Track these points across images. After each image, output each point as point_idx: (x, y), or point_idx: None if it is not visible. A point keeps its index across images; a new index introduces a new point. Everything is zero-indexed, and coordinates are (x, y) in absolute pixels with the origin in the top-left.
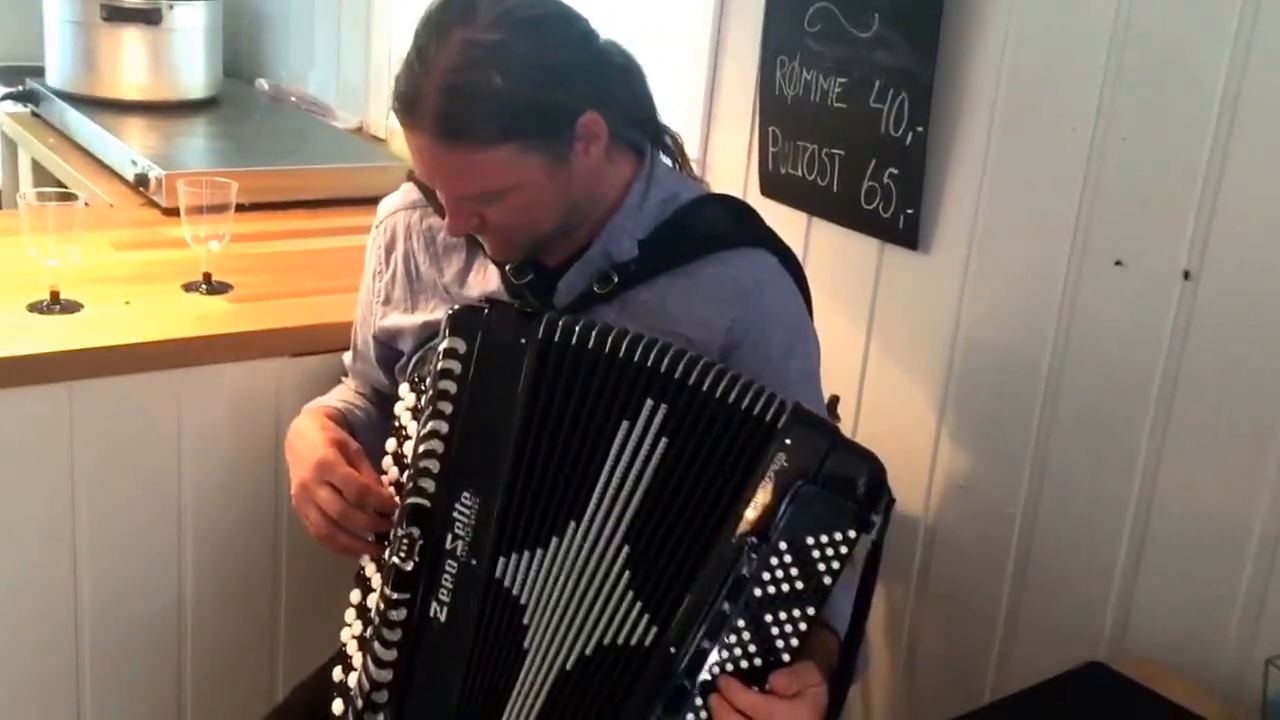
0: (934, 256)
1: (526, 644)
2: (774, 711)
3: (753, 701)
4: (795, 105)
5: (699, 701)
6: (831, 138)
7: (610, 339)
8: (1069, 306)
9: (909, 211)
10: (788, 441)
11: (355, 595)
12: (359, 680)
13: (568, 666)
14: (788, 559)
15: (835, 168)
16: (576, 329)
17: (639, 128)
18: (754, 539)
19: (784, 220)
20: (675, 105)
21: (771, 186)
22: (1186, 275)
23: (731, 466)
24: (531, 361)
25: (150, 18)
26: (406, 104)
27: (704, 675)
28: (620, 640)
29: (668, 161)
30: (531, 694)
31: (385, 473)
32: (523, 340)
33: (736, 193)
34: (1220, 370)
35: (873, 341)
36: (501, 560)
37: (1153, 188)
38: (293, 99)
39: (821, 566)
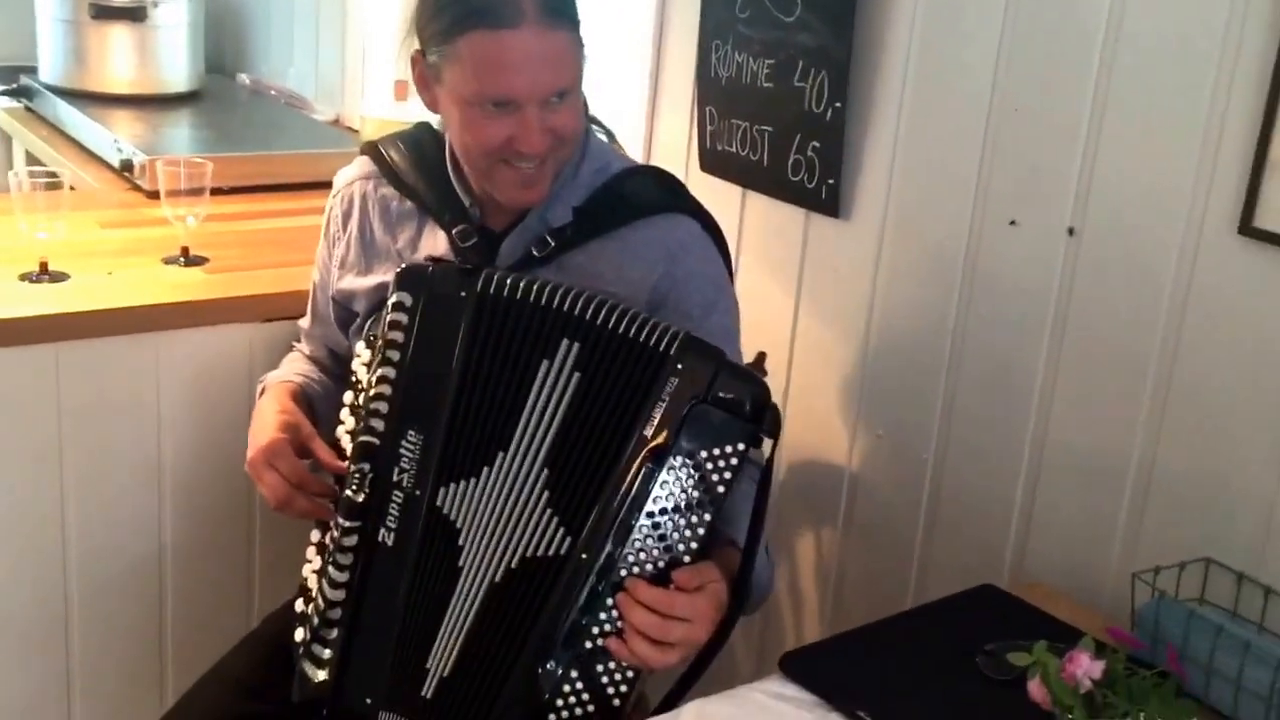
0: (854, 223)
1: (461, 562)
2: (674, 602)
3: (655, 595)
4: (729, 86)
5: (609, 601)
6: (761, 115)
7: (535, 289)
8: (971, 264)
9: (830, 182)
10: (679, 366)
11: (315, 535)
12: (316, 603)
13: (497, 579)
14: (684, 471)
15: (765, 143)
16: (508, 281)
17: None
18: (654, 454)
19: (721, 194)
20: (624, 89)
21: (710, 162)
22: (1071, 231)
23: (632, 392)
24: (470, 312)
25: (136, 15)
26: (497, 4)
27: (613, 578)
28: (540, 552)
29: (602, 137)
30: (466, 605)
31: (343, 423)
32: (463, 294)
33: (678, 169)
34: (1101, 317)
35: (802, 303)
36: (441, 489)
37: (1041, 154)
38: (273, 92)
39: (715, 477)
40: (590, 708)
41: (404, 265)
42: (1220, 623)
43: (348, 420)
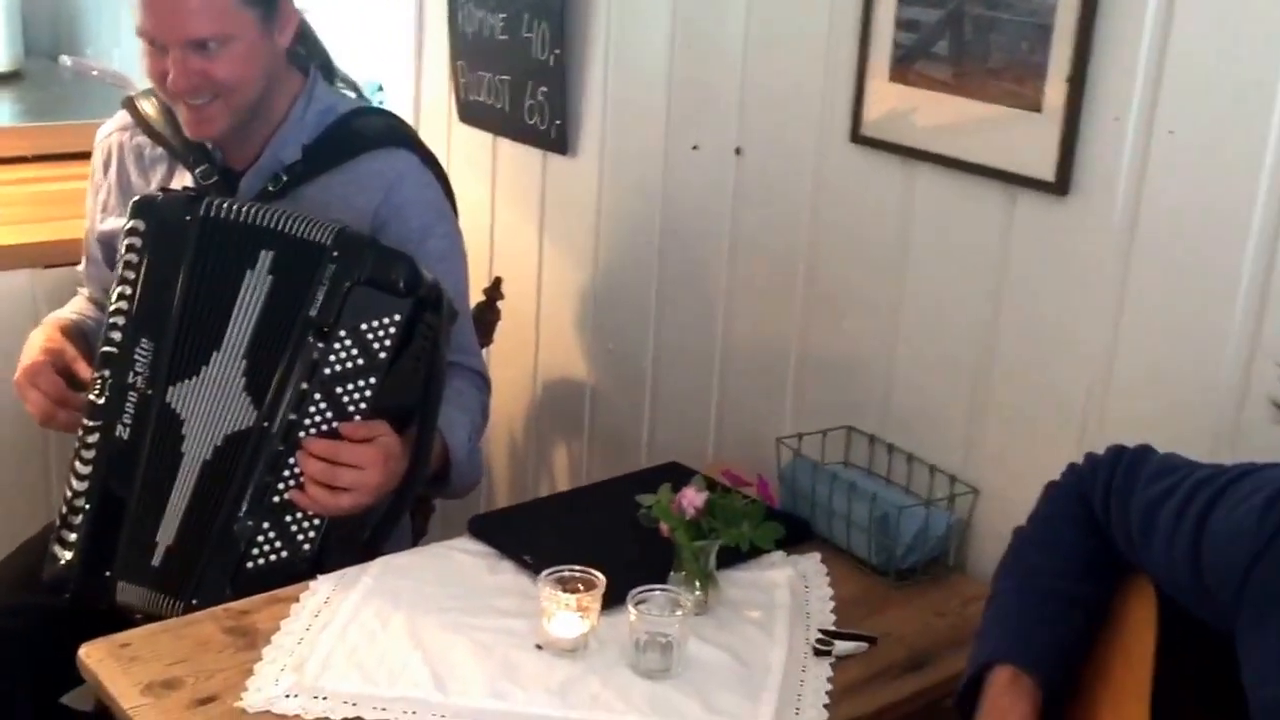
0: (579, 159)
1: (184, 448)
2: (341, 450)
3: (324, 445)
4: (475, 41)
5: (291, 460)
6: (500, 66)
7: (245, 211)
8: (666, 188)
9: (558, 123)
10: (335, 254)
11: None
12: (62, 500)
13: (208, 457)
14: (348, 343)
15: (506, 92)
16: (225, 206)
17: (306, 54)
18: (320, 332)
19: (477, 142)
20: (391, 47)
21: (466, 113)
22: (738, 151)
23: (304, 282)
24: (194, 234)
25: None
26: None
27: (293, 440)
28: (237, 428)
29: (349, 93)
30: (185, 483)
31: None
32: (188, 218)
33: (442, 122)
34: (762, 224)
35: (545, 236)
36: (170, 388)
37: (711, 83)
38: (95, 73)
39: (376, 345)
40: (284, 553)
41: (137, 197)
42: (834, 471)
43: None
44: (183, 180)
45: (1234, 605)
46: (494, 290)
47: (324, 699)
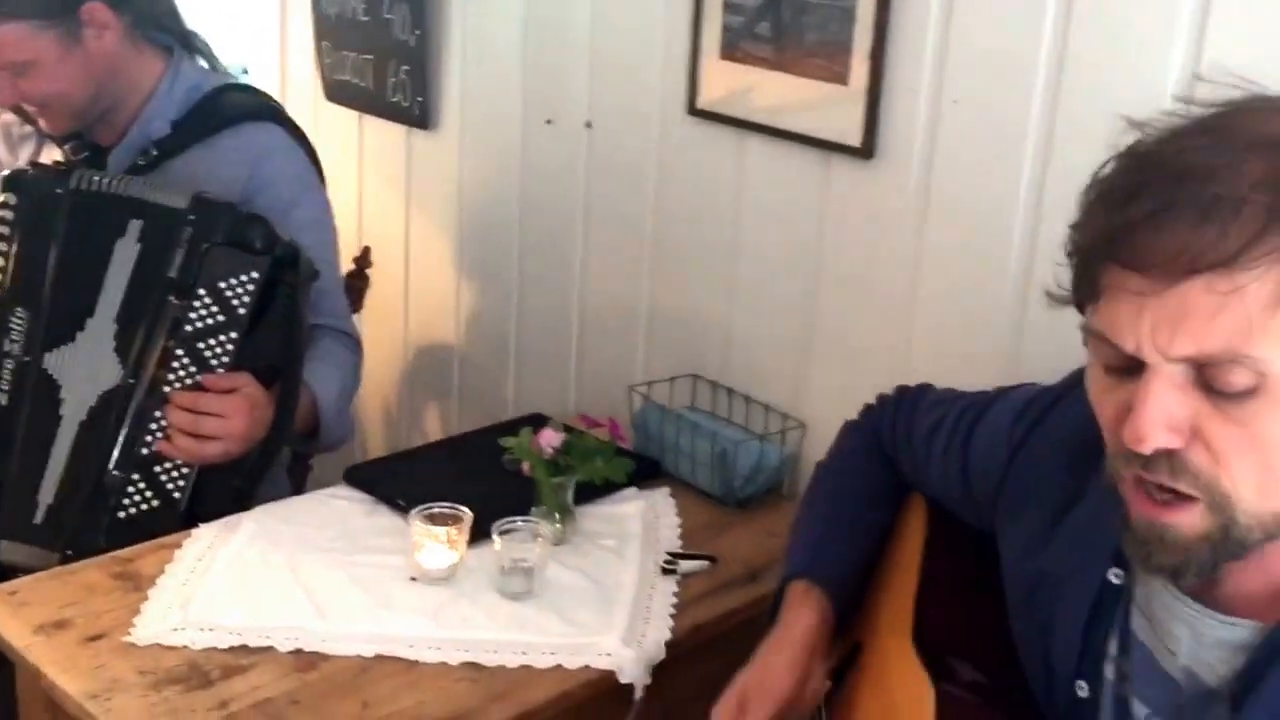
0: (441, 134)
1: (62, 411)
2: (202, 400)
3: (189, 396)
4: (338, 22)
5: (158, 414)
6: (363, 45)
7: (113, 183)
8: (523, 160)
9: (420, 99)
10: (192, 218)
11: None
12: None
13: (84, 417)
14: (208, 300)
15: (370, 70)
16: (94, 178)
17: (166, 32)
18: (182, 291)
19: (343, 120)
20: (258, 30)
21: (332, 92)
22: (589, 125)
23: (166, 246)
24: (66, 205)
25: None
26: None
27: (159, 395)
28: (108, 388)
29: (204, 64)
30: (64, 444)
31: None
32: (59, 191)
33: (308, 101)
34: (613, 194)
35: (412, 208)
36: (46, 355)
37: (560, 63)
38: None
39: (235, 302)
40: (155, 502)
41: (6, 172)
42: (680, 414)
43: None
44: (52, 155)
45: (994, 506)
46: (363, 259)
47: (210, 630)
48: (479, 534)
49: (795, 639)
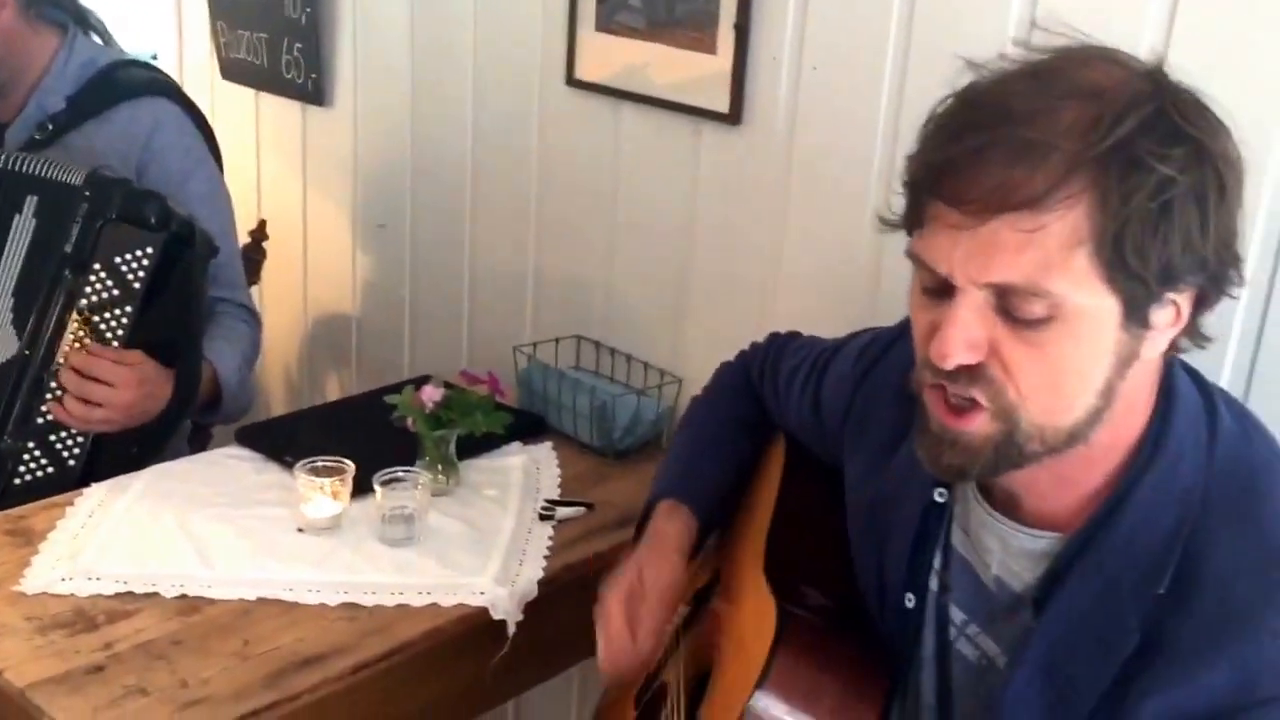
0: (335, 110)
1: None
2: (93, 364)
3: (81, 360)
4: (233, 2)
5: (53, 384)
6: (257, 24)
7: (10, 160)
8: (413, 134)
9: (314, 76)
10: (87, 194)
11: None
12: None
13: None
14: (103, 275)
15: (264, 48)
16: None
17: (60, 9)
18: (78, 265)
19: (240, 98)
20: (153, 9)
21: (228, 71)
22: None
23: (62, 222)
24: None
25: None
26: None
27: (54, 366)
28: (4, 359)
29: (99, 40)
30: None
31: None
32: None
33: (205, 80)
34: (499, 163)
35: (308, 183)
36: None
37: (447, 37)
38: None
39: (130, 277)
40: (50, 469)
41: None
42: (562, 371)
43: None
44: None
45: (840, 439)
46: (259, 232)
47: (97, 580)
48: (365, 488)
49: (668, 546)
